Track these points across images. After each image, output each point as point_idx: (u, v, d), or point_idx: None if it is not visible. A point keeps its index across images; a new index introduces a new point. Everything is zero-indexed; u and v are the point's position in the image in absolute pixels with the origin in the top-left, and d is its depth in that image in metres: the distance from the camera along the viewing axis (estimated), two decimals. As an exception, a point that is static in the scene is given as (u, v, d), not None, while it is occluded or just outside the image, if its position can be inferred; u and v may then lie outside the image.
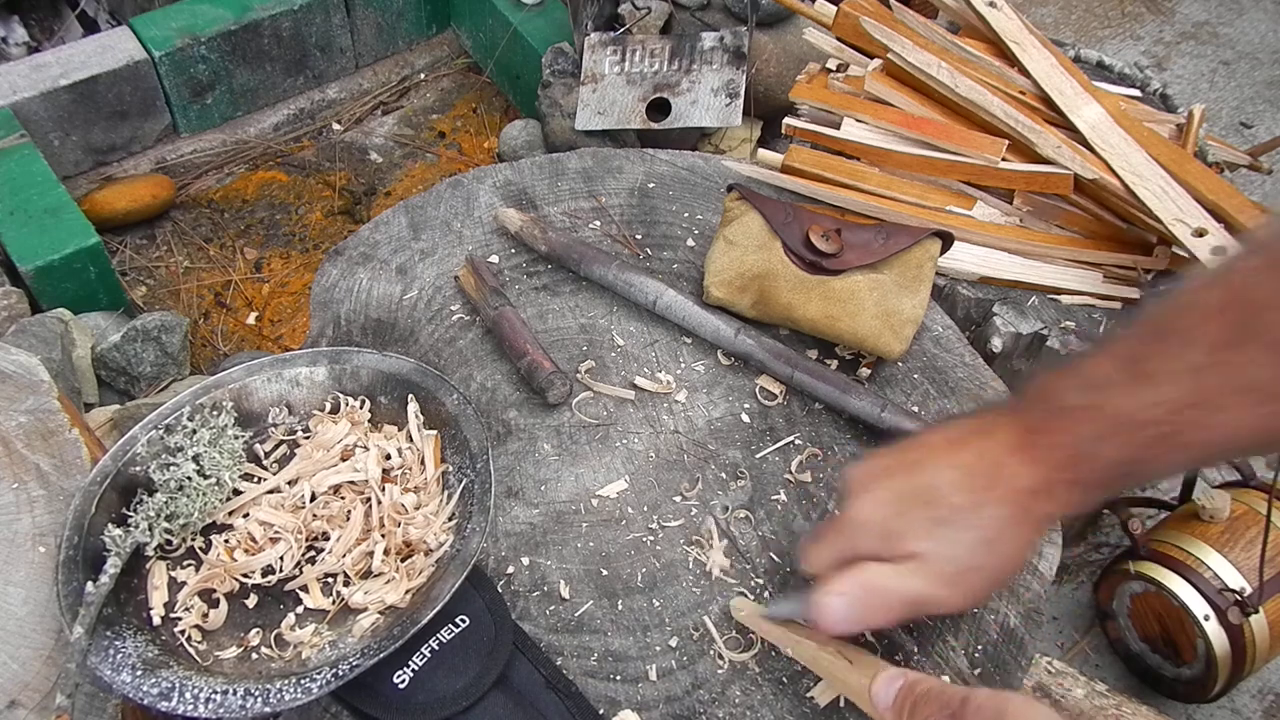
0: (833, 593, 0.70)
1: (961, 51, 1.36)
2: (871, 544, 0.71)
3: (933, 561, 0.68)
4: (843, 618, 0.70)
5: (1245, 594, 1.37)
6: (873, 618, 0.69)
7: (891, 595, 0.68)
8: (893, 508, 0.70)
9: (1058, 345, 1.15)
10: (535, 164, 1.23)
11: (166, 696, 0.74)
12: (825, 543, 0.74)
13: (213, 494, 0.88)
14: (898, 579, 0.69)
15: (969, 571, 0.68)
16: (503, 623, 0.82)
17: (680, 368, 1.04)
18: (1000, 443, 0.69)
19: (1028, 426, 0.69)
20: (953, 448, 0.71)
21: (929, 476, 0.70)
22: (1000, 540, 0.68)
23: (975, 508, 0.68)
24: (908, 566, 0.68)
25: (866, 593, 0.69)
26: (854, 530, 0.72)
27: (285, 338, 1.97)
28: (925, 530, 0.69)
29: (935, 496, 0.69)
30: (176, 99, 2.15)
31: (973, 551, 0.68)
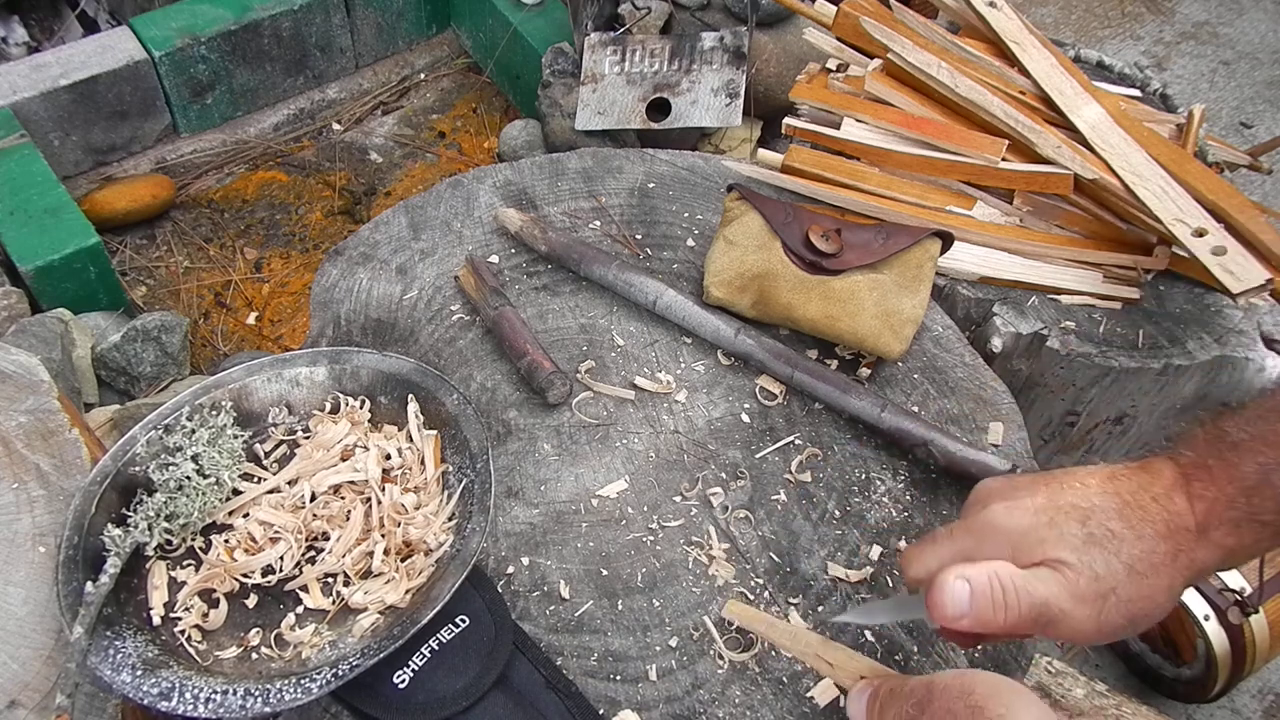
0: (957, 576, 0.63)
1: (961, 51, 1.36)
2: (1003, 550, 0.65)
3: (1075, 572, 0.62)
4: (962, 608, 0.63)
5: (1245, 594, 1.37)
6: (994, 616, 0.62)
7: (1022, 595, 0.62)
8: (1040, 517, 0.65)
9: (1058, 345, 1.15)
10: (535, 164, 1.23)
11: (166, 696, 0.74)
12: (940, 545, 0.68)
13: (212, 494, 0.88)
14: (1032, 581, 0.63)
15: (1110, 595, 0.63)
16: (503, 623, 0.82)
17: (680, 368, 1.04)
18: (1163, 479, 0.65)
19: (1193, 463, 0.65)
20: (1109, 478, 0.66)
21: (1084, 497, 0.65)
22: (1150, 577, 0.63)
23: (1132, 537, 0.63)
24: (1044, 572, 0.63)
25: (994, 585, 0.63)
26: (986, 533, 0.66)
27: (285, 338, 1.97)
28: (1074, 543, 0.63)
29: (1089, 516, 0.64)
30: (176, 99, 2.15)
31: (1120, 578, 0.62)
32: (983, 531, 0.66)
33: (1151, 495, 0.64)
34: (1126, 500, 0.64)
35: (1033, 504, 0.66)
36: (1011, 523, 0.65)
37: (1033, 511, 0.65)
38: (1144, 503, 0.64)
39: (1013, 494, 0.67)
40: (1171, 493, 0.64)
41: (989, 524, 0.66)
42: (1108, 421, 1.25)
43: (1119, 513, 0.64)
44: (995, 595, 0.63)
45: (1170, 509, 0.64)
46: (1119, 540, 0.63)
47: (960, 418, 1.02)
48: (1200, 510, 0.63)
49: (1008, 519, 0.65)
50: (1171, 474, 0.65)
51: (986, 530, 0.66)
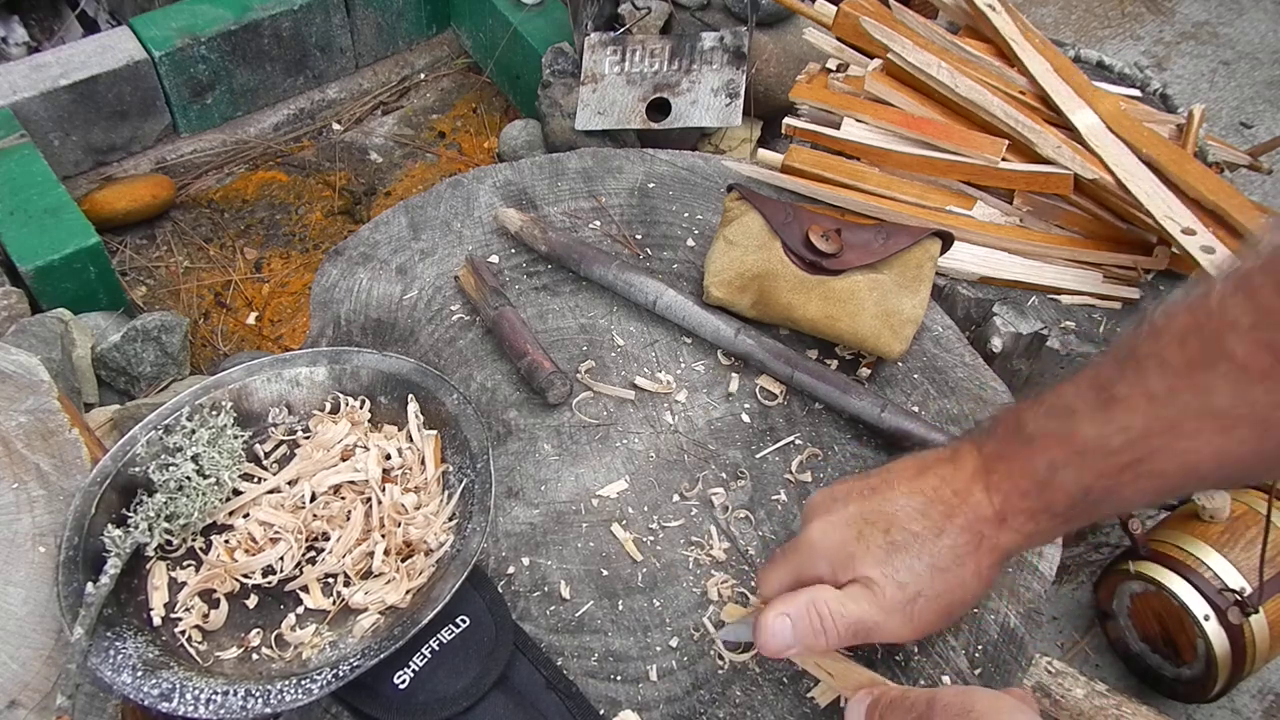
0: (777, 613, 0.69)
1: (961, 51, 1.36)
2: (823, 568, 0.70)
3: (881, 587, 0.67)
4: (786, 640, 0.69)
5: (1245, 594, 1.37)
6: (816, 641, 0.68)
7: (837, 619, 0.67)
8: (848, 531, 0.70)
9: (1058, 345, 1.15)
10: (535, 164, 1.23)
11: (167, 697, 0.74)
12: (779, 566, 0.74)
13: (212, 494, 0.88)
14: (844, 603, 0.68)
15: (918, 599, 0.67)
16: (503, 623, 0.82)
17: (680, 368, 1.04)
18: (963, 470, 0.69)
19: (992, 453, 0.68)
20: (916, 475, 0.70)
21: (888, 502, 0.70)
22: (954, 570, 0.67)
23: (933, 535, 0.67)
24: (855, 591, 0.68)
25: (810, 615, 0.68)
26: (808, 553, 0.71)
27: (285, 338, 1.97)
28: (878, 556, 0.68)
29: (892, 522, 0.68)
30: (176, 99, 2.15)
31: (923, 579, 0.67)
32: (806, 551, 0.71)
33: (953, 489, 0.68)
34: (929, 497, 0.69)
35: (843, 518, 0.70)
36: (827, 540, 0.70)
37: (844, 525, 0.70)
38: (945, 497, 0.68)
39: (831, 508, 0.72)
40: (971, 485, 0.68)
41: (810, 543, 0.71)
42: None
43: (921, 512, 0.68)
44: (814, 625, 0.68)
45: (969, 501, 0.67)
46: (920, 541, 0.67)
47: (960, 418, 1.02)
48: (997, 501, 0.67)
49: (824, 537, 0.71)
50: (973, 464, 0.68)
51: (808, 550, 0.71)
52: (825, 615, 0.68)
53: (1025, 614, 0.88)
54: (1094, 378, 0.64)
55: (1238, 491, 1.47)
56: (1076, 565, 1.72)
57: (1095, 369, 0.65)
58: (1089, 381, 0.64)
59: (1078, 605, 1.67)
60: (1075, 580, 1.70)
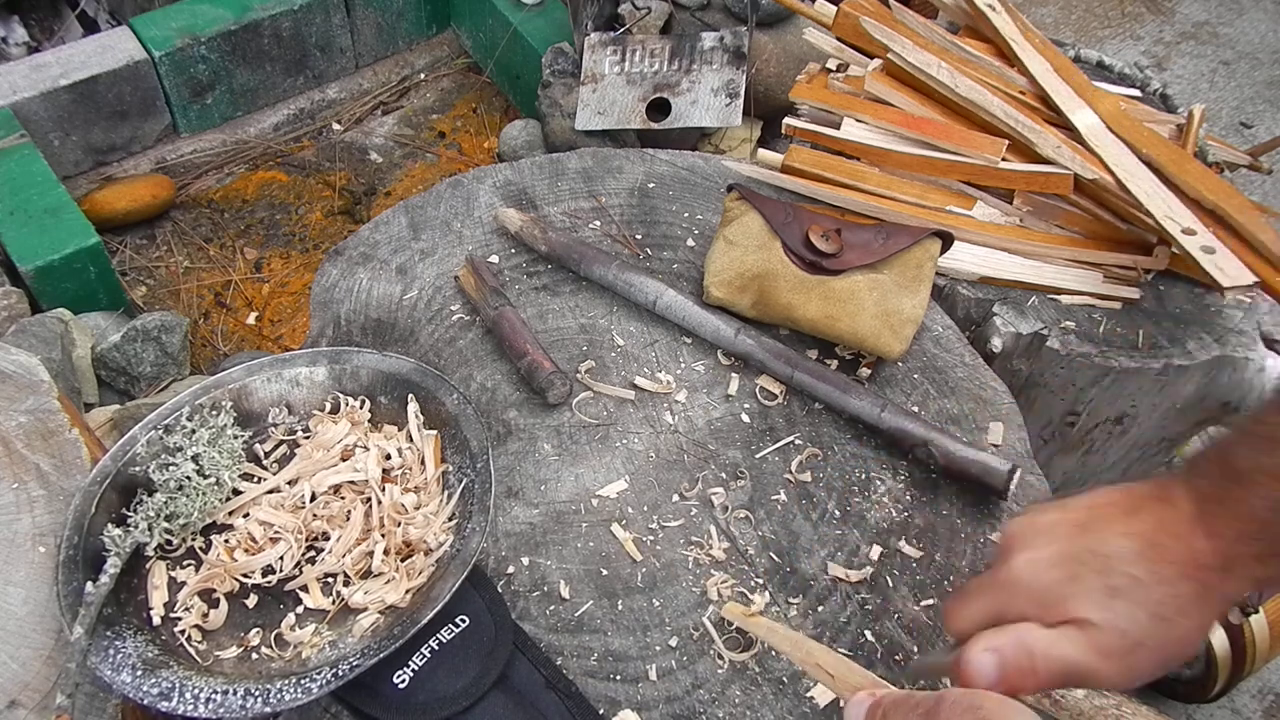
0: (984, 648, 0.64)
1: (961, 51, 1.36)
2: (1029, 607, 0.65)
3: (1102, 632, 0.62)
4: (992, 678, 0.64)
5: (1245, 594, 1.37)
6: (1022, 682, 0.63)
7: (1052, 661, 0.63)
8: (1062, 570, 0.65)
9: (1058, 345, 1.15)
10: (535, 164, 1.23)
11: (166, 696, 0.74)
12: (975, 600, 0.68)
13: (212, 494, 0.88)
14: (1060, 644, 0.63)
15: (1138, 648, 0.62)
16: (503, 623, 0.82)
17: (680, 368, 1.04)
18: (1179, 512, 0.64)
19: (1207, 494, 0.64)
20: (1127, 514, 0.66)
21: (1103, 542, 0.65)
22: (1178, 620, 0.63)
23: (1155, 582, 0.62)
24: (1072, 632, 0.63)
25: (1020, 653, 0.63)
26: (1013, 590, 0.66)
27: (285, 338, 1.97)
28: (1097, 599, 0.63)
29: (1110, 565, 0.63)
30: (176, 99, 2.15)
31: (1146, 628, 0.62)
32: (1009, 587, 0.67)
33: (1172, 534, 0.64)
34: (1148, 540, 0.64)
35: (1054, 554, 0.66)
36: (1035, 578, 0.66)
37: (1053, 563, 0.65)
38: (1164, 542, 0.63)
39: (1034, 542, 0.67)
40: (1191, 529, 0.63)
41: (1014, 580, 0.66)
42: (1108, 421, 1.25)
43: (1140, 555, 0.63)
44: (1023, 664, 0.63)
45: (1192, 547, 0.63)
46: (1142, 587, 0.63)
47: (960, 418, 1.02)
48: (1220, 548, 0.62)
49: (1031, 574, 0.66)
50: (1188, 507, 0.64)
51: (1012, 586, 0.66)
52: (1038, 655, 0.63)
53: (1025, 614, 0.88)
54: None
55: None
56: (1076, 565, 1.71)
57: None
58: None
59: (1078, 605, 1.67)
60: (1075, 580, 1.70)
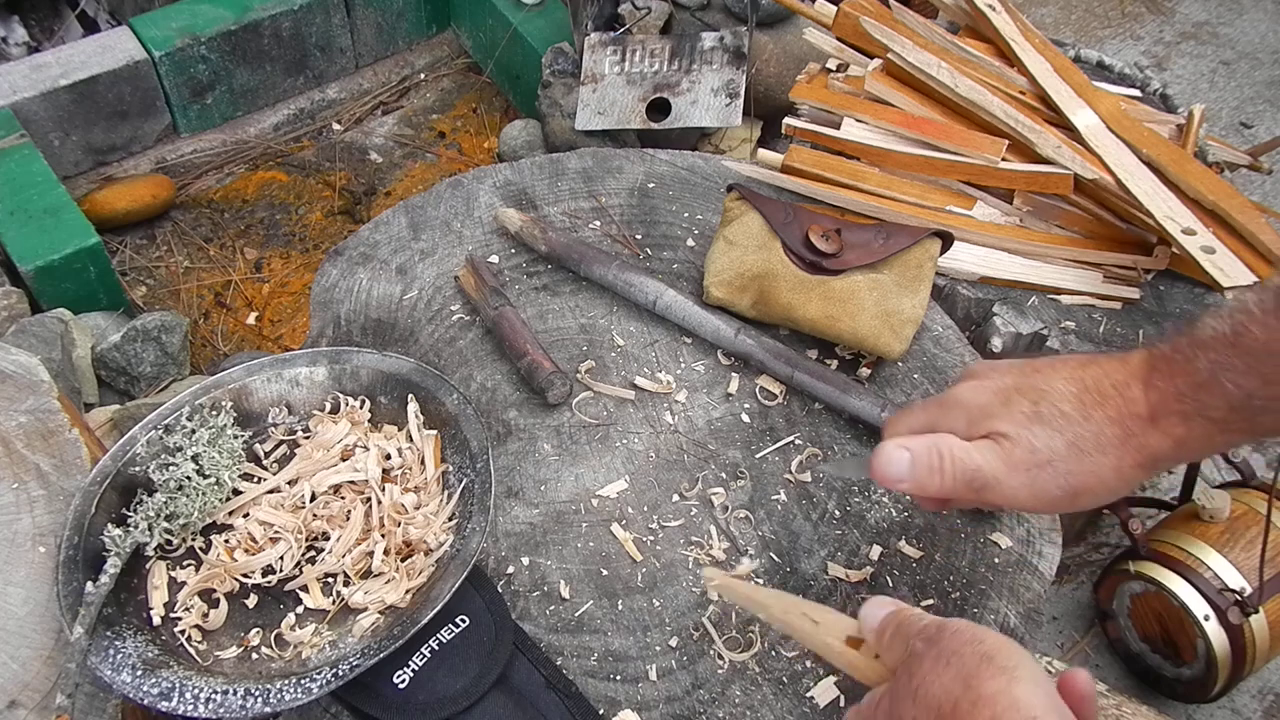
0: (898, 444, 0.68)
1: (961, 51, 1.36)
2: (960, 423, 0.69)
3: (1012, 444, 0.66)
4: (901, 471, 0.68)
5: (1245, 594, 1.37)
6: (930, 481, 0.67)
7: (958, 463, 0.67)
8: (998, 396, 0.68)
9: (1058, 345, 1.15)
10: (535, 164, 1.23)
11: (166, 696, 0.74)
12: (915, 413, 0.72)
13: (212, 494, 0.88)
14: (967, 450, 0.67)
15: (1046, 466, 0.66)
16: (503, 623, 0.82)
17: (680, 368, 1.04)
18: (1128, 365, 0.67)
19: (1160, 354, 0.66)
20: (1081, 365, 0.69)
21: (1045, 380, 0.68)
22: (1094, 454, 0.65)
23: (1080, 419, 0.66)
24: (984, 444, 0.67)
25: (932, 454, 0.67)
26: (950, 407, 0.70)
27: (285, 338, 1.96)
28: (1019, 419, 0.66)
29: (1042, 397, 0.67)
30: (176, 99, 2.15)
31: (1060, 452, 0.65)
32: (948, 405, 0.71)
33: (1111, 383, 0.67)
34: (1086, 386, 0.67)
35: (998, 384, 0.69)
36: (972, 399, 0.69)
37: (994, 390, 0.69)
38: (1103, 389, 0.67)
39: (987, 374, 0.71)
40: (1130, 380, 0.66)
41: (954, 399, 0.71)
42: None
43: (1076, 397, 0.67)
44: (932, 462, 0.67)
45: (1125, 395, 0.66)
46: (1066, 420, 0.66)
47: (960, 418, 1.02)
48: (1153, 400, 0.65)
49: (970, 395, 0.70)
50: (1138, 363, 0.67)
51: (950, 404, 0.71)
52: (946, 456, 0.67)
53: (1025, 614, 0.88)
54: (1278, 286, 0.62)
55: (1238, 491, 1.47)
56: (1076, 565, 1.72)
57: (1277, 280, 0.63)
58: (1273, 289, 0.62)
59: (1078, 605, 1.67)
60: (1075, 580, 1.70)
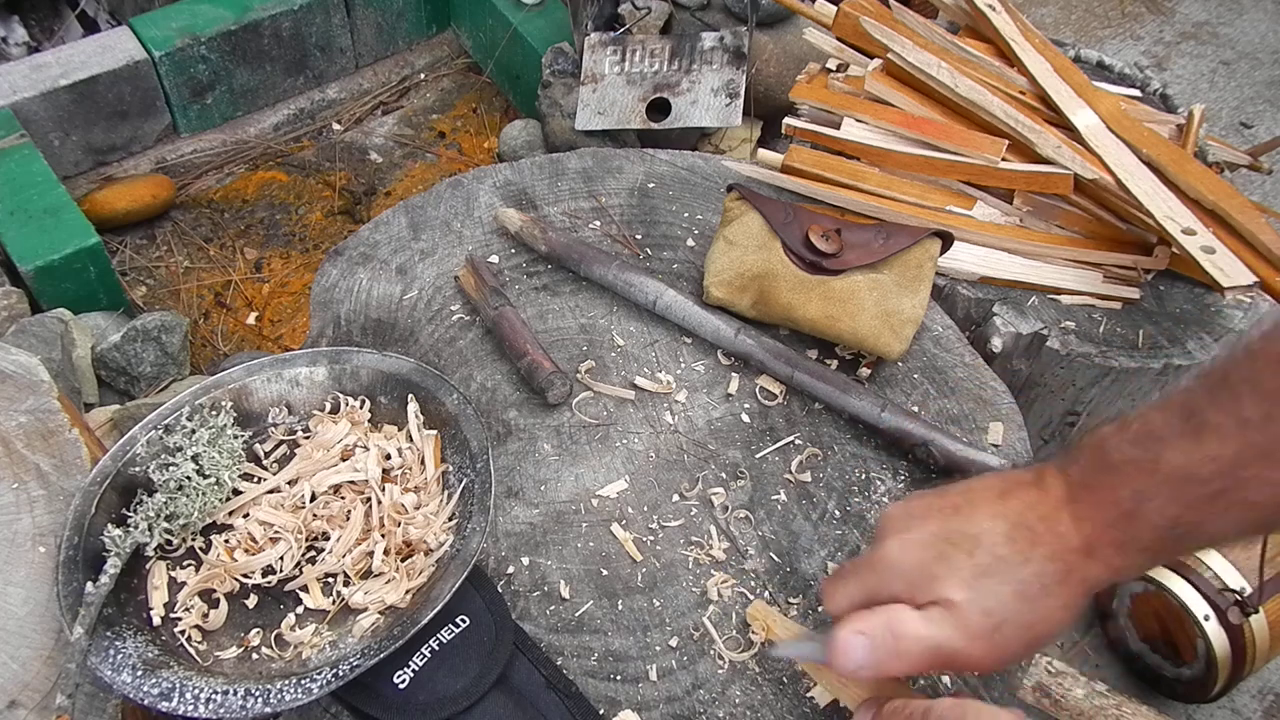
0: (854, 630, 0.66)
1: (961, 51, 1.36)
2: (901, 587, 0.66)
3: (966, 612, 0.64)
4: (862, 660, 0.65)
5: (1245, 594, 1.37)
6: (892, 664, 0.65)
7: (917, 642, 0.64)
8: (930, 551, 0.66)
9: (1058, 345, 1.15)
10: (535, 164, 1.23)
11: (167, 697, 0.74)
12: (850, 581, 0.70)
13: (212, 494, 0.88)
14: (926, 625, 0.64)
15: (1003, 626, 0.64)
16: (503, 623, 0.82)
17: (680, 368, 1.04)
18: (1049, 496, 0.66)
19: (1077, 481, 0.65)
20: (1000, 497, 0.67)
21: (972, 524, 0.66)
22: (1041, 599, 0.64)
23: (1020, 562, 0.64)
24: (937, 613, 0.64)
25: (890, 636, 0.65)
26: (884, 571, 0.68)
27: (285, 338, 1.97)
28: (963, 578, 0.64)
29: (977, 545, 0.65)
30: (176, 99, 2.15)
31: (1010, 606, 0.63)
32: (882, 568, 0.68)
33: (1039, 515, 0.65)
34: (1014, 521, 0.65)
35: (924, 536, 0.67)
36: (905, 559, 0.67)
37: (923, 545, 0.67)
38: (1031, 523, 0.65)
39: (908, 525, 0.69)
40: (1057, 513, 0.65)
41: (886, 561, 0.68)
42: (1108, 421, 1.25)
43: (1007, 536, 0.65)
44: (889, 646, 0.64)
45: (1056, 530, 0.64)
46: (1007, 566, 0.64)
47: (960, 418, 1.02)
48: (1085, 533, 0.64)
49: (902, 555, 0.67)
50: (1059, 492, 0.65)
51: (885, 567, 0.68)
52: (904, 637, 0.64)
53: (1025, 614, 0.88)
54: (1183, 404, 0.61)
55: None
56: (1076, 565, 1.72)
57: (1185, 394, 0.62)
58: (1178, 407, 0.61)
59: (1078, 605, 1.67)
60: (1075, 580, 1.70)
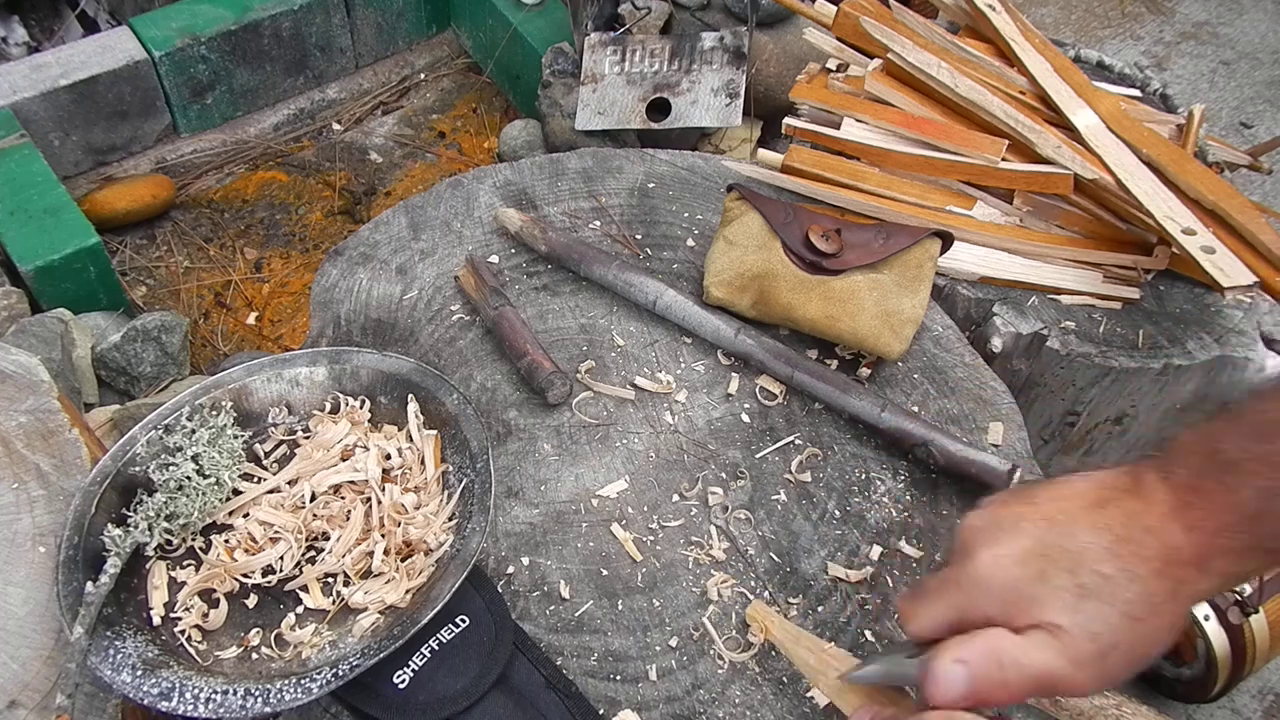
0: (955, 659, 0.61)
1: (961, 51, 1.36)
2: (996, 609, 0.62)
3: (1073, 637, 0.59)
4: (963, 691, 0.60)
5: (1245, 594, 1.37)
6: (994, 694, 0.60)
7: (1021, 671, 0.59)
8: (1028, 568, 0.61)
9: (1058, 345, 1.15)
10: (535, 164, 1.23)
11: (166, 696, 0.74)
12: (935, 600, 0.65)
13: (212, 494, 0.88)
14: (1028, 652, 0.59)
15: (1110, 651, 0.59)
16: (503, 623, 0.82)
17: (680, 368, 1.04)
18: (1154, 505, 0.61)
19: (1186, 485, 0.60)
20: (1096, 506, 0.62)
21: (1071, 538, 0.61)
22: (1150, 620, 0.59)
23: (1126, 581, 0.59)
24: (1041, 639, 0.60)
25: (992, 664, 0.60)
26: (975, 590, 0.63)
27: (285, 338, 1.96)
28: (1067, 601, 0.60)
29: (1079, 562, 0.60)
30: (176, 99, 2.15)
31: (1117, 629, 0.59)
32: (972, 586, 0.63)
33: (1144, 526, 0.60)
34: (1118, 535, 0.61)
35: (1018, 551, 0.62)
36: (1000, 578, 0.62)
37: (1019, 561, 0.62)
38: (1137, 536, 0.60)
39: (997, 538, 0.64)
40: (1166, 523, 0.60)
41: (977, 579, 0.63)
42: (1108, 421, 1.25)
43: (1110, 551, 0.60)
44: (994, 675, 0.60)
45: (1166, 543, 0.60)
46: (1112, 585, 0.60)
47: (960, 418, 1.02)
48: (1199, 542, 0.59)
49: (995, 573, 0.62)
50: (1164, 499, 0.61)
51: (976, 585, 0.63)
52: (1008, 665, 0.60)
53: (1025, 614, 0.87)
54: None
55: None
56: (1076, 565, 1.72)
57: None
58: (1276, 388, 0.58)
59: (1078, 605, 1.67)
60: (1075, 580, 1.70)
